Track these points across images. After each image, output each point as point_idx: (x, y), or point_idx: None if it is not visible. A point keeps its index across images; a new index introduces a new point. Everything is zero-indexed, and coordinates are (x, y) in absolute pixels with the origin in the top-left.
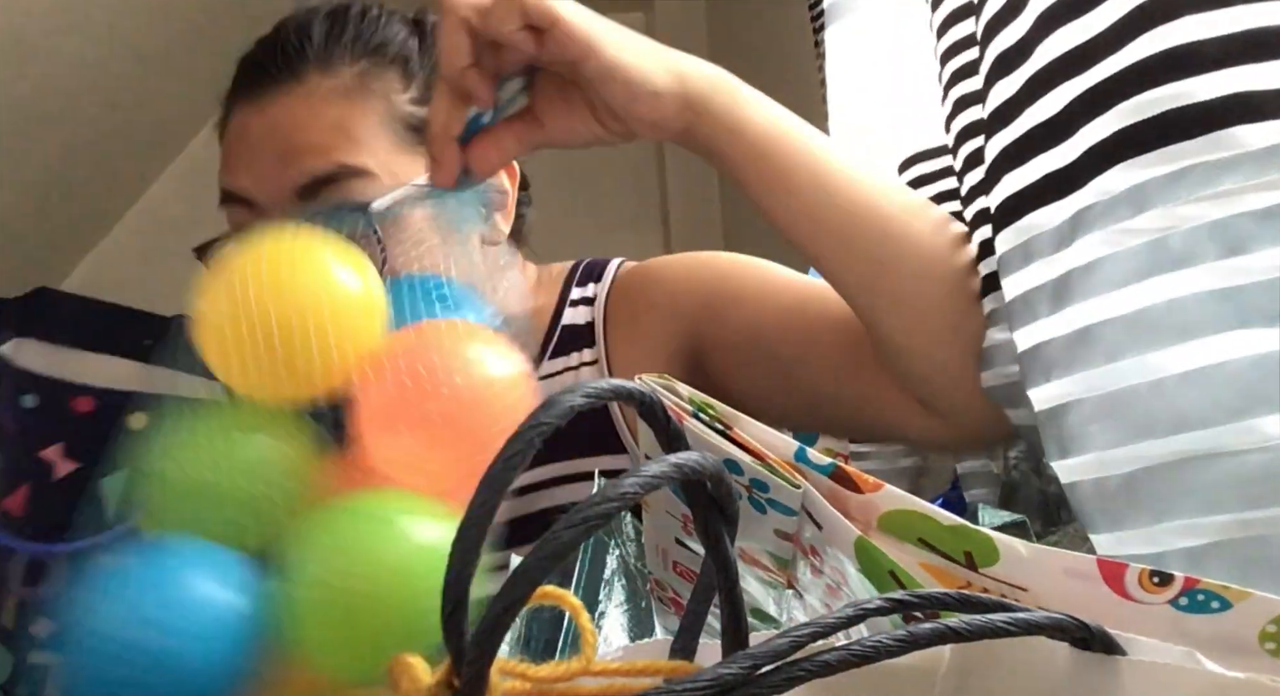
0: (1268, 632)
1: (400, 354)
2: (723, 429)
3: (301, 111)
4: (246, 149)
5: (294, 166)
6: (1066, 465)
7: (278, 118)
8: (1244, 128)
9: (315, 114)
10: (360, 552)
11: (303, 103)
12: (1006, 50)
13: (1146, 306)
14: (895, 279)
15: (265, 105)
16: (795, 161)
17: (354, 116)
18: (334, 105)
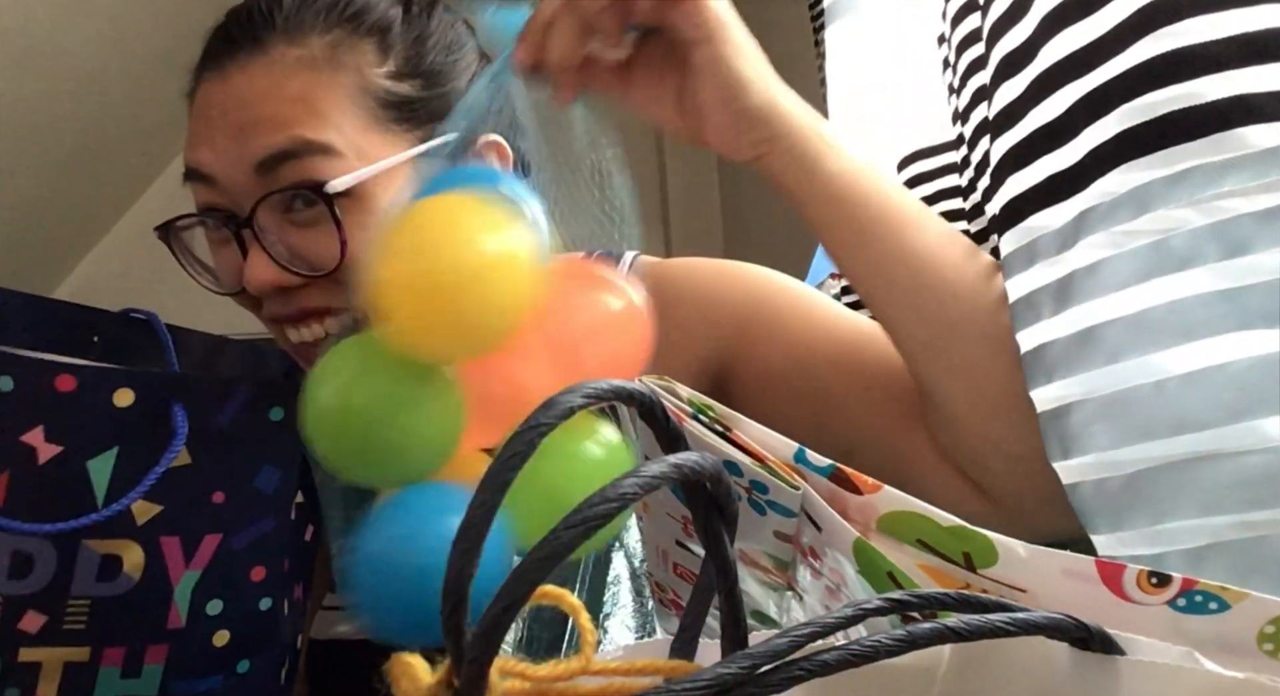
0: (1265, 633)
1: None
2: (722, 430)
3: (263, 83)
4: (208, 123)
5: (253, 140)
6: (1068, 466)
7: (239, 89)
8: (1246, 129)
9: (277, 85)
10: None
11: (264, 73)
12: (1012, 52)
13: (1148, 307)
14: (961, 343)
15: (229, 76)
16: (868, 213)
17: (319, 89)
18: (298, 77)
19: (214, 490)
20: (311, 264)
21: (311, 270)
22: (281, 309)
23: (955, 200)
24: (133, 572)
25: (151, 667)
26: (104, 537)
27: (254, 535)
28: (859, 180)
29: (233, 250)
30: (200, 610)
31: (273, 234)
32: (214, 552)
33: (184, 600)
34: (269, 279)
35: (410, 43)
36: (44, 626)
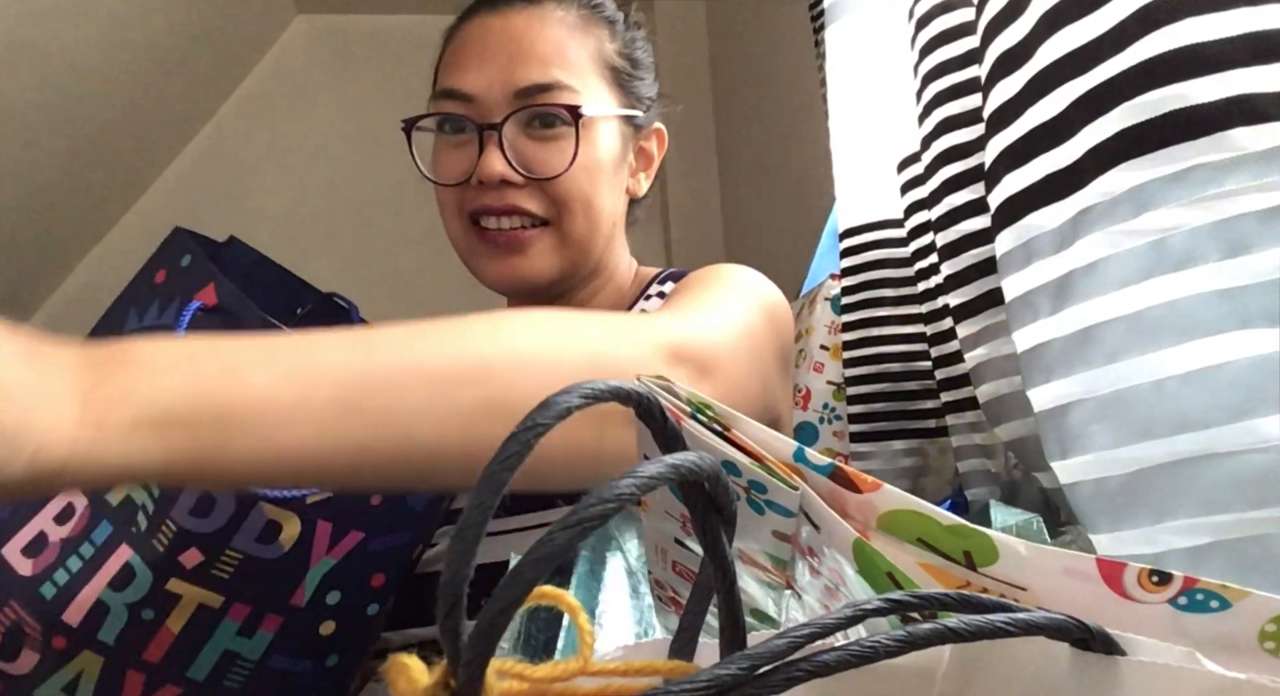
0: (1267, 632)
1: None
2: (720, 430)
3: (537, 26)
4: (482, 47)
5: (521, 68)
6: (1067, 465)
7: (517, 24)
8: (1246, 129)
9: (548, 30)
10: None
11: (539, 19)
12: (1008, 51)
13: (1148, 307)
14: None
15: (508, 13)
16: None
17: (574, 44)
18: (561, 29)
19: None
20: (534, 171)
21: (532, 174)
22: (495, 201)
23: None
24: (285, 543)
25: (263, 634)
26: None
27: (389, 543)
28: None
29: (466, 152)
30: (321, 596)
31: (511, 141)
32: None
33: (312, 582)
34: (500, 170)
35: (627, 39)
36: (198, 565)
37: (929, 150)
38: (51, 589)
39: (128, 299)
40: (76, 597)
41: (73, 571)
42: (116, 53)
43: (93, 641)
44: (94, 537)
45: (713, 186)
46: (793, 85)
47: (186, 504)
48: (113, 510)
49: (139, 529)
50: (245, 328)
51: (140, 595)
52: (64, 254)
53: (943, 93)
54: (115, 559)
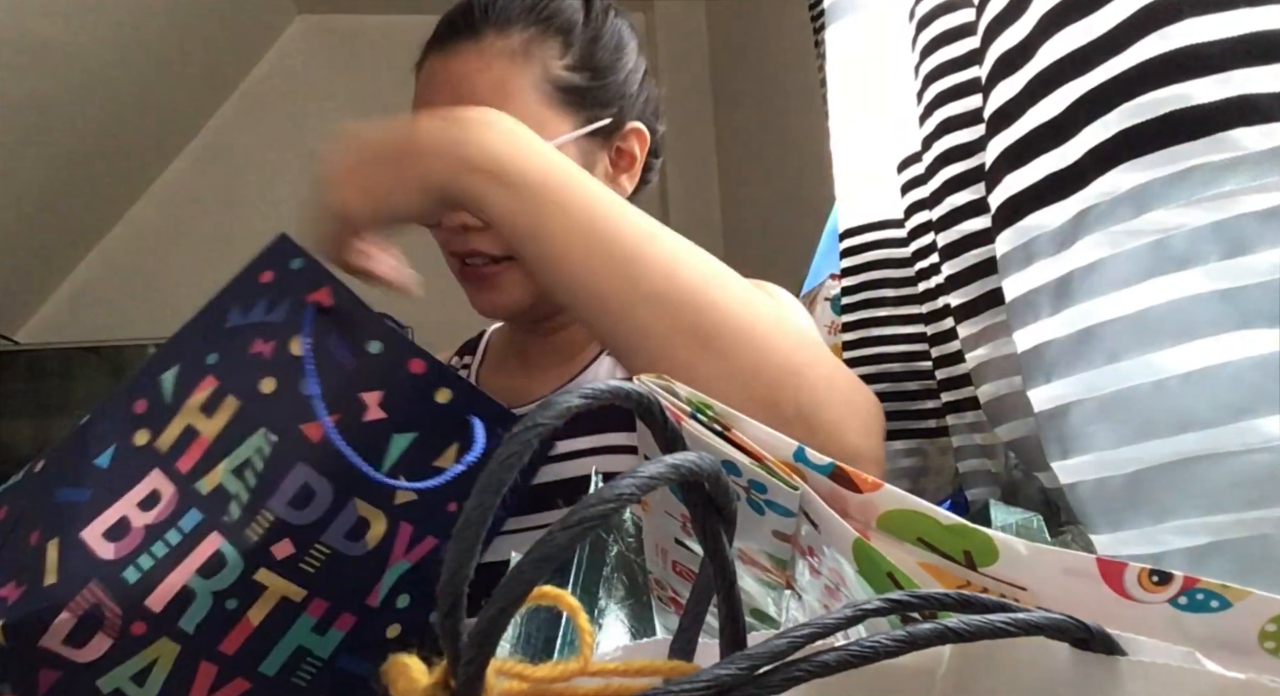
0: (1267, 632)
1: None
2: (720, 430)
3: (475, 65)
4: (430, 96)
5: None
6: (1067, 465)
7: (455, 69)
8: (1246, 130)
9: (486, 71)
10: None
11: (477, 57)
12: (1009, 51)
13: (1148, 307)
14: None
15: (449, 56)
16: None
17: (514, 77)
18: (500, 63)
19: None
20: None
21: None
22: (459, 247)
23: None
24: (370, 541)
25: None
26: (370, 502)
27: None
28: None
29: None
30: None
31: None
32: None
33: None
34: (460, 220)
35: (587, 42)
36: (288, 557)
37: (930, 150)
38: (135, 573)
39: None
40: (162, 583)
41: (158, 557)
42: (117, 53)
43: (173, 628)
44: (182, 525)
45: (713, 186)
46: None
47: (287, 495)
48: (203, 498)
49: (231, 517)
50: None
51: (228, 584)
52: (64, 253)
53: (944, 93)
54: (205, 545)
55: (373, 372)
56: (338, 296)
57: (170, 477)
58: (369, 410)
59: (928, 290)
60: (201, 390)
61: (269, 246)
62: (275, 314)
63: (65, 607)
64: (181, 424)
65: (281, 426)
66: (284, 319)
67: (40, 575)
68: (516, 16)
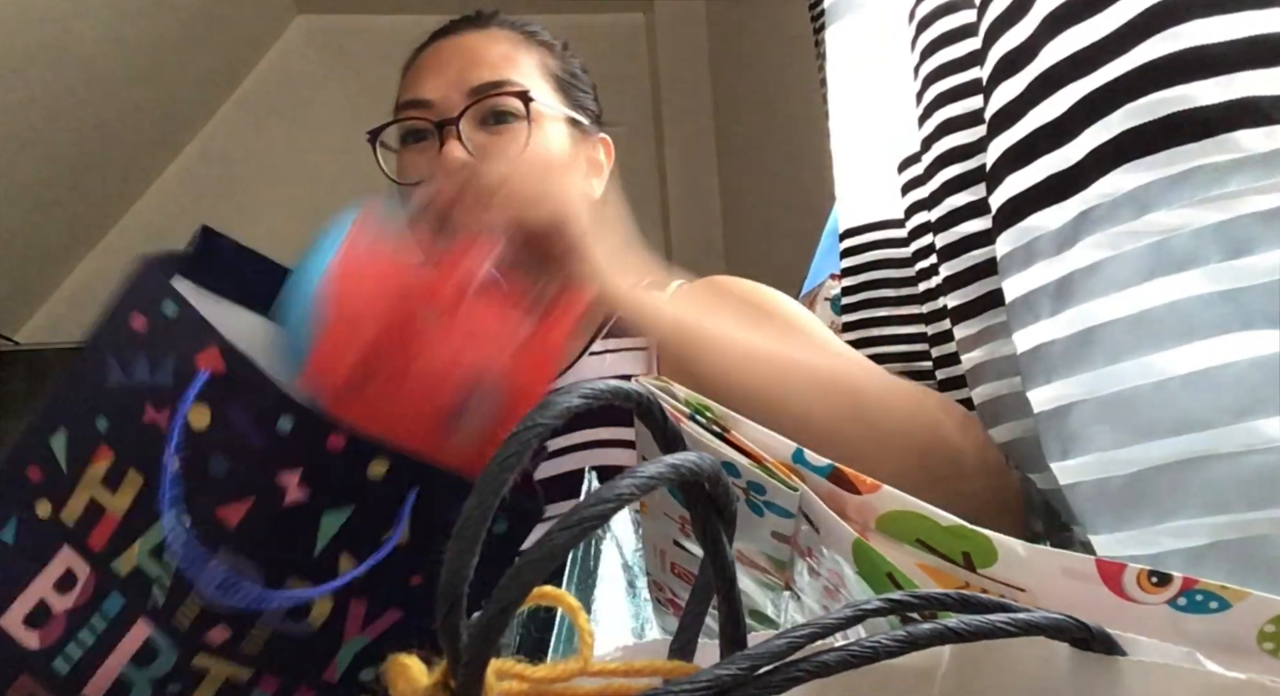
0: (1266, 633)
1: None
2: (720, 431)
3: (485, 40)
4: (434, 62)
5: (473, 73)
6: (1067, 466)
7: (466, 40)
8: (1248, 132)
9: (495, 44)
10: None
11: (486, 36)
12: (1011, 52)
13: (1149, 308)
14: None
15: (456, 35)
16: None
17: (520, 55)
18: (507, 43)
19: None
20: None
21: None
22: None
23: None
24: (315, 621)
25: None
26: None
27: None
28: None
29: (428, 155)
30: (353, 673)
31: (468, 136)
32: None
33: (345, 660)
34: (462, 157)
35: (565, 56)
36: (226, 641)
37: (930, 151)
38: (65, 664)
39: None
40: (96, 674)
41: (86, 645)
42: (117, 53)
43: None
44: (105, 610)
45: (713, 186)
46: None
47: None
48: (122, 582)
49: (155, 603)
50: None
51: (165, 670)
52: (64, 253)
53: (944, 94)
54: (134, 634)
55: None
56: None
57: (83, 556)
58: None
59: (928, 290)
60: (98, 461)
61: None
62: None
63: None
64: (84, 497)
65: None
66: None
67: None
68: (513, 26)
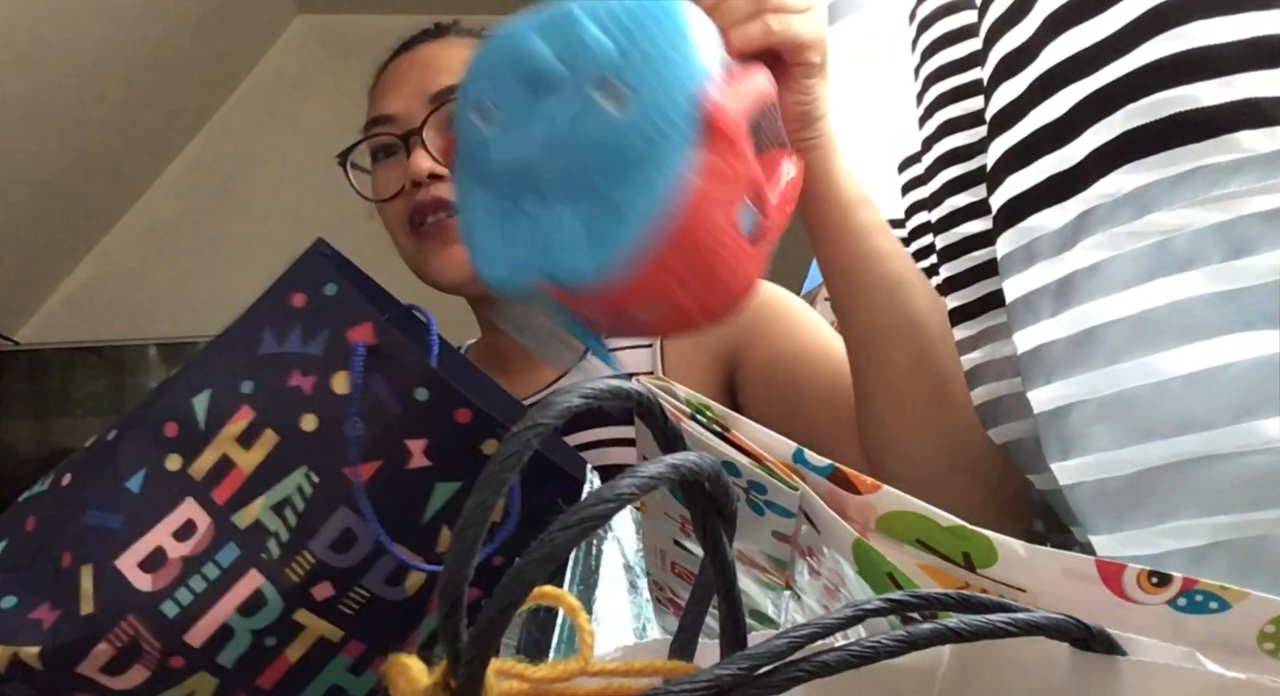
0: (1266, 633)
1: None
2: (720, 430)
3: (442, 49)
4: (395, 78)
5: (431, 80)
6: (1067, 466)
7: (423, 53)
8: (1250, 132)
9: (453, 51)
10: None
11: (444, 45)
12: (1012, 52)
13: (1150, 308)
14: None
15: (414, 50)
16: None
17: None
18: (465, 48)
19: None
20: None
21: None
22: (424, 198)
23: None
24: (410, 588)
25: (371, 674)
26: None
27: None
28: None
29: (398, 167)
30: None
31: (432, 140)
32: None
33: (425, 631)
34: (427, 165)
35: None
36: (327, 599)
37: (930, 152)
38: (174, 607)
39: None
40: (202, 619)
41: (196, 592)
42: (116, 53)
43: (212, 664)
44: (219, 559)
45: None
46: None
47: (328, 538)
48: (240, 533)
49: (270, 556)
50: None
51: (268, 622)
52: (64, 253)
53: (945, 95)
54: (245, 584)
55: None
56: (381, 335)
57: (205, 508)
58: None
59: None
60: (237, 420)
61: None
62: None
63: (103, 638)
64: (216, 453)
65: (323, 467)
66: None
67: (76, 602)
68: (471, 33)
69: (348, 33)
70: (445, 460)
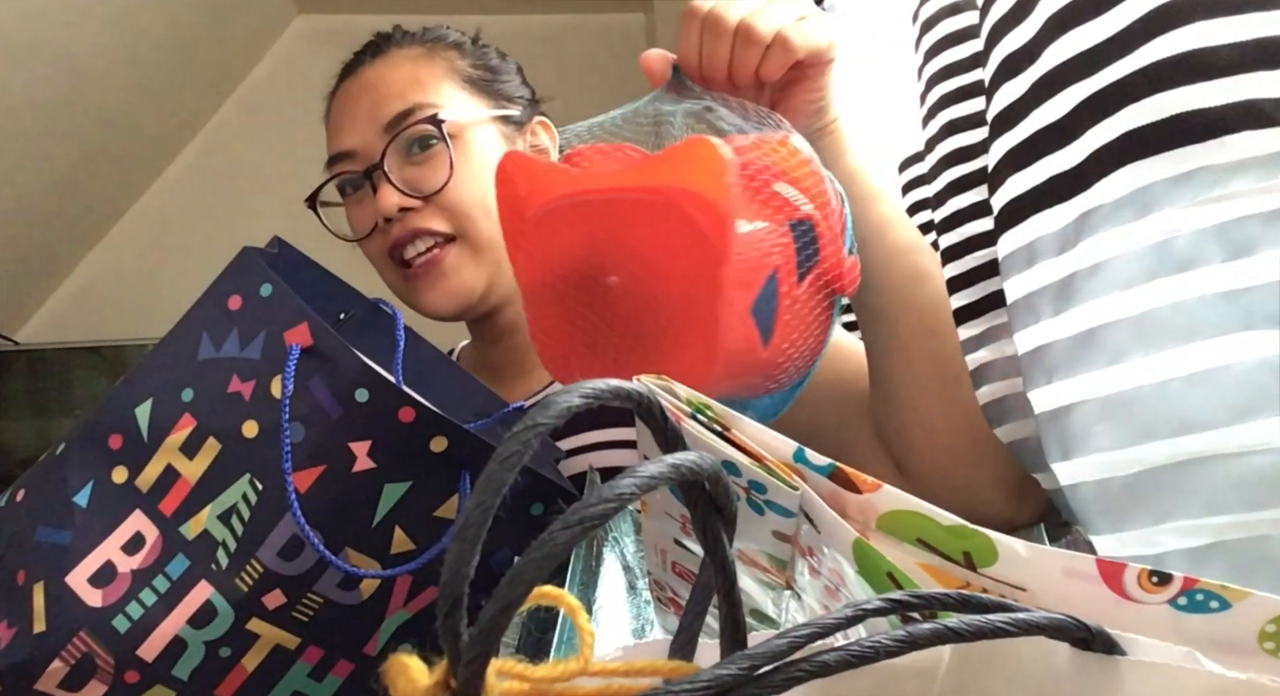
0: (1267, 632)
1: None
2: (720, 430)
3: (384, 69)
4: (345, 108)
5: (381, 108)
6: (1068, 466)
7: (366, 78)
8: (1251, 133)
9: (395, 71)
10: None
11: (385, 64)
12: (1013, 53)
13: (1151, 309)
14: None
15: (358, 74)
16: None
17: (423, 69)
18: (408, 63)
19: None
20: (422, 189)
21: (421, 193)
22: (401, 231)
23: None
24: (365, 591)
25: (333, 679)
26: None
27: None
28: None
29: (367, 203)
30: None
31: (395, 173)
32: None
33: (386, 633)
34: (394, 201)
35: (478, 51)
36: (280, 607)
37: (934, 152)
38: (125, 622)
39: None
40: (154, 633)
41: (147, 605)
42: (117, 53)
43: (168, 676)
44: (169, 571)
45: None
46: None
47: (275, 545)
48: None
49: (219, 566)
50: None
51: (220, 633)
52: (65, 253)
53: (948, 95)
54: (195, 594)
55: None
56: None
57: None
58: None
59: None
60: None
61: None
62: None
63: (57, 656)
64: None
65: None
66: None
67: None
68: (414, 39)
69: (348, 33)
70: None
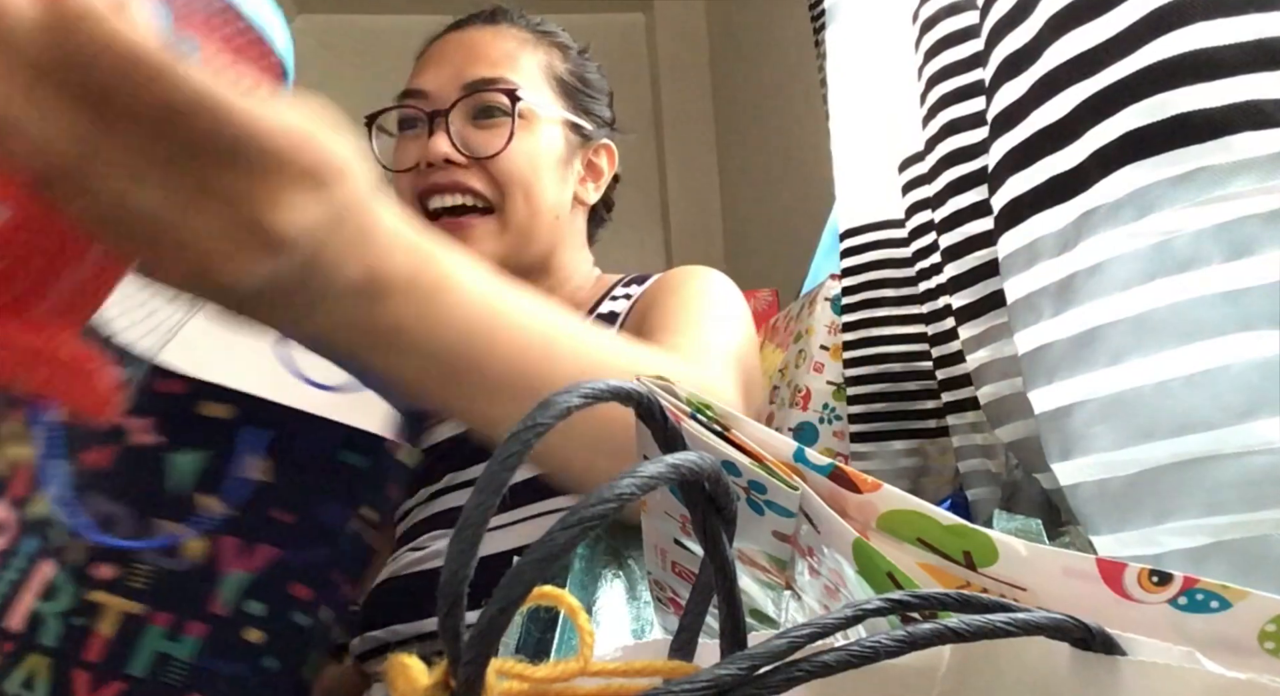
0: (1267, 632)
1: None
2: (720, 430)
3: (490, 37)
4: (438, 55)
5: (471, 67)
6: (1068, 466)
7: (471, 36)
8: (1251, 134)
9: (500, 42)
10: None
11: (492, 33)
12: (1014, 53)
13: (1151, 309)
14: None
15: (466, 30)
16: None
17: (524, 56)
18: (514, 42)
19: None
20: (475, 151)
21: (473, 154)
22: (442, 178)
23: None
24: (191, 555)
25: (190, 639)
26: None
27: (307, 559)
28: None
29: (418, 143)
30: (240, 606)
31: (457, 126)
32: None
33: (230, 592)
34: (445, 150)
35: (579, 59)
36: (114, 578)
37: (934, 152)
38: None
39: None
40: (16, 607)
41: (10, 582)
42: None
43: (37, 645)
44: (24, 550)
45: (713, 186)
46: (793, 85)
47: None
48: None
49: (58, 545)
50: None
51: (67, 606)
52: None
53: (949, 95)
54: (41, 572)
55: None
56: None
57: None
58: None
59: (928, 290)
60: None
61: None
62: None
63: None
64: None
65: (75, 455)
66: None
67: None
68: (528, 25)
69: (348, 33)
70: (171, 432)
